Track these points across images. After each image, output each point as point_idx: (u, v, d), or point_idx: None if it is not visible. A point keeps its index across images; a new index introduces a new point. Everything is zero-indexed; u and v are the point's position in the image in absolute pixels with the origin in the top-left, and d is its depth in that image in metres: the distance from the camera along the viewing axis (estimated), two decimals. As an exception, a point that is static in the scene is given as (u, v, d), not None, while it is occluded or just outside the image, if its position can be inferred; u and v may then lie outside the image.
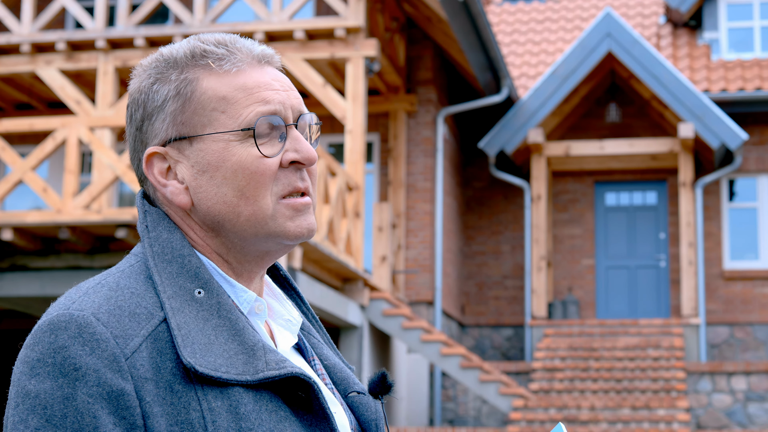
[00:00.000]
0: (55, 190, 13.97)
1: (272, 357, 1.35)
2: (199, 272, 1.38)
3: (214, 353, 1.32)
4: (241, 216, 1.39)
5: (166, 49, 1.44)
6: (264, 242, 1.42)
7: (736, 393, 13.62)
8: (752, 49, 17.24)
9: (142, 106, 1.43)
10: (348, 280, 12.49)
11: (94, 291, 1.34)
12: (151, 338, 1.31)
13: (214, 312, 1.36)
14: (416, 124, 15.11)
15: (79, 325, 1.29)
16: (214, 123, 1.39)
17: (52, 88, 12.98)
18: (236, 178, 1.38)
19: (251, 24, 12.79)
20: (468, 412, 14.56)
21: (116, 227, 10.63)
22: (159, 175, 1.42)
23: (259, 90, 1.41)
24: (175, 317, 1.33)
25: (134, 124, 1.44)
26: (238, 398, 1.31)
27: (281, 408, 1.34)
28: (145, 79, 1.43)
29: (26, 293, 11.20)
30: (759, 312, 16.18)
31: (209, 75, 1.41)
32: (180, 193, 1.41)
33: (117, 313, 1.31)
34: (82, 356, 1.27)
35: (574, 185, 17.01)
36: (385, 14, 14.01)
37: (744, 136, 15.18)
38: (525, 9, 19.34)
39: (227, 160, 1.39)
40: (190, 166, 1.40)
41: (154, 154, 1.42)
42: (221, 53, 1.42)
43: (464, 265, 16.99)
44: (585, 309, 16.68)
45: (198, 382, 1.30)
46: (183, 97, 1.40)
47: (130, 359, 1.29)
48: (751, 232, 16.46)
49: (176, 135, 1.41)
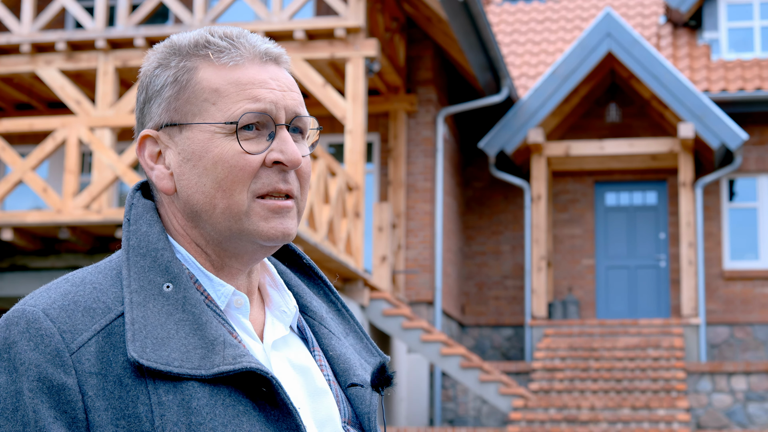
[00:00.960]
0: (55, 190, 13.97)
1: (230, 352, 1.34)
2: (170, 266, 1.39)
3: (170, 347, 1.32)
4: (217, 208, 1.40)
5: (177, 36, 1.47)
6: (238, 240, 1.42)
7: (736, 393, 13.62)
8: (752, 49, 17.24)
9: (145, 90, 1.46)
10: (348, 280, 12.49)
11: (56, 287, 1.36)
12: (105, 333, 1.32)
13: (179, 306, 1.36)
14: (416, 124, 15.11)
15: (27, 320, 1.31)
16: (203, 113, 1.41)
17: (52, 88, 12.98)
18: (216, 169, 1.40)
19: (251, 24, 12.79)
20: (468, 412, 14.56)
21: (116, 227, 10.63)
22: (148, 158, 1.45)
23: (252, 87, 1.42)
24: (132, 311, 1.34)
25: (138, 106, 1.47)
26: (191, 392, 1.31)
27: (240, 402, 1.33)
28: (151, 63, 1.46)
29: (26, 293, 11.17)
30: (759, 312, 16.18)
31: (207, 66, 1.43)
32: (164, 178, 1.43)
33: (70, 308, 1.33)
34: (26, 351, 1.30)
35: (574, 185, 17.01)
36: (385, 14, 14.01)
37: (744, 136, 15.17)
38: (525, 9, 19.34)
39: (210, 151, 1.40)
40: (177, 153, 1.42)
41: (146, 137, 1.45)
42: (223, 46, 1.43)
43: (464, 265, 16.99)
44: (585, 309, 16.68)
45: (149, 377, 1.31)
46: (179, 85, 1.42)
47: (76, 354, 1.30)
48: (751, 232, 16.45)
49: (168, 121, 1.43)
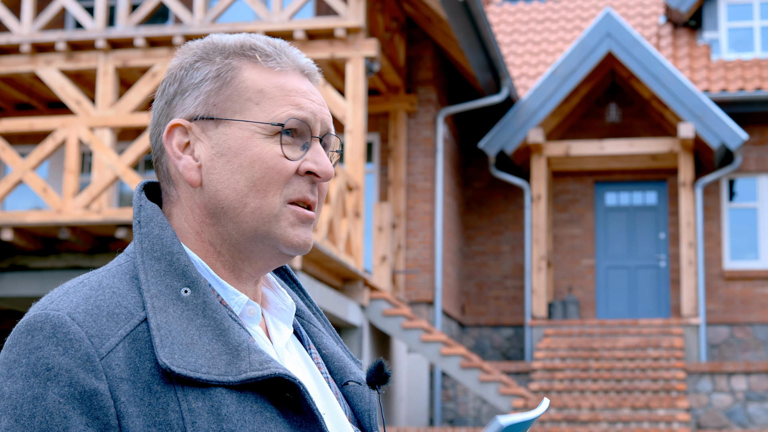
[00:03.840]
0: (55, 190, 13.97)
1: (256, 357, 1.33)
2: (186, 271, 1.37)
3: (195, 353, 1.31)
4: (247, 207, 1.40)
5: (218, 36, 1.48)
6: (260, 243, 1.42)
7: (736, 393, 13.61)
8: (752, 49, 17.24)
9: (179, 81, 1.45)
10: (348, 280, 12.49)
11: (74, 290, 1.34)
12: (130, 338, 1.30)
13: (199, 311, 1.35)
14: (416, 124, 15.11)
15: (53, 325, 1.28)
16: (245, 112, 1.41)
17: (52, 88, 12.97)
18: (252, 168, 1.40)
19: (251, 24, 12.78)
20: (468, 412, 14.56)
21: (116, 227, 10.63)
22: (176, 147, 1.43)
23: (296, 95, 1.43)
24: (155, 317, 1.32)
25: (165, 98, 1.46)
26: (220, 399, 1.29)
27: (267, 409, 1.32)
28: (189, 57, 1.46)
29: (26, 293, 11.19)
30: (759, 312, 16.18)
31: (253, 67, 1.44)
32: (192, 169, 1.42)
33: (94, 313, 1.30)
34: (55, 356, 1.26)
35: (574, 185, 17.01)
36: (385, 14, 14.01)
37: (744, 136, 15.17)
38: (525, 9, 19.34)
39: (248, 149, 1.40)
40: (210, 147, 1.42)
41: (177, 126, 1.43)
42: (269, 51, 1.45)
43: (464, 265, 16.98)
44: (585, 309, 16.68)
45: (178, 383, 1.29)
46: (222, 80, 1.43)
47: (105, 359, 1.28)
48: (751, 232, 16.45)
49: (204, 114, 1.42)
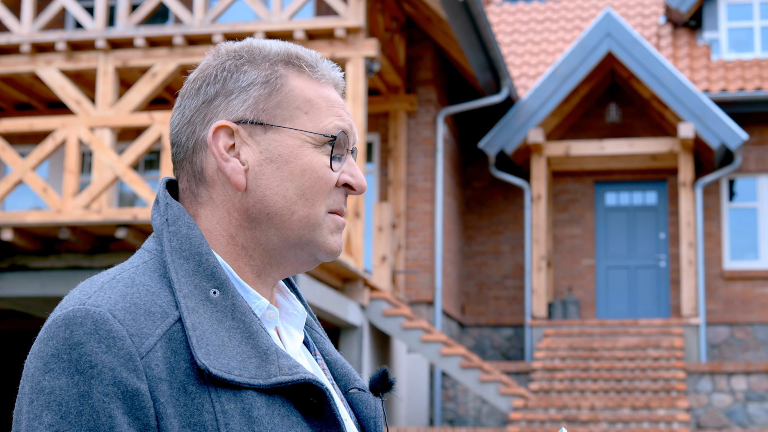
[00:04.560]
0: (55, 190, 13.97)
1: (285, 362, 1.34)
2: (215, 272, 1.37)
3: (227, 355, 1.31)
4: (295, 215, 1.41)
5: (257, 41, 1.48)
6: (299, 250, 1.43)
7: (736, 393, 13.61)
8: (752, 49, 17.24)
9: (221, 82, 1.44)
10: (348, 280, 12.49)
11: (110, 286, 1.32)
12: (166, 338, 1.30)
13: (228, 314, 1.35)
14: (416, 124, 15.11)
15: (95, 321, 1.27)
16: (294, 120, 1.43)
17: (52, 88, 12.97)
18: (303, 177, 1.42)
19: (251, 24, 12.78)
20: (468, 412, 14.56)
21: (116, 227, 10.63)
22: (223, 149, 1.42)
23: (338, 107, 1.48)
24: (190, 317, 1.32)
25: (202, 96, 1.45)
26: (251, 402, 1.30)
27: (293, 413, 1.33)
28: (232, 59, 1.46)
29: (26, 293, 11.19)
30: (759, 312, 16.18)
31: (299, 76, 1.46)
32: (239, 173, 1.41)
33: (133, 311, 1.29)
34: (98, 353, 1.25)
35: (574, 185, 17.01)
36: (385, 14, 14.01)
37: (744, 136, 15.17)
38: (525, 9, 19.34)
39: (299, 158, 1.42)
40: (258, 152, 1.42)
41: (224, 127, 1.43)
42: (312, 62, 1.48)
43: (464, 265, 16.98)
44: (585, 309, 16.68)
45: (212, 384, 1.29)
46: (271, 87, 1.44)
47: (146, 358, 1.27)
48: (751, 232, 16.45)
49: (253, 119, 1.43)
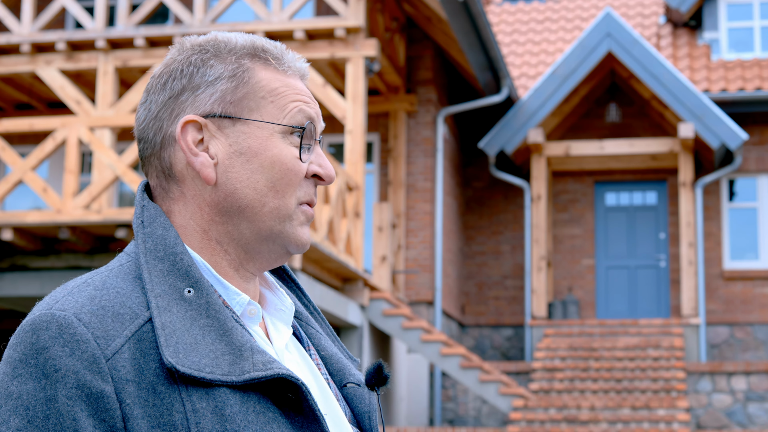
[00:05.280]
0: (55, 190, 13.97)
1: (260, 358, 1.33)
2: (190, 271, 1.37)
3: (199, 353, 1.31)
4: (266, 207, 1.42)
5: (222, 34, 1.49)
6: (271, 242, 1.43)
7: (736, 393, 13.61)
8: (752, 49, 17.24)
9: (188, 77, 1.44)
10: (348, 280, 12.49)
11: (79, 290, 1.33)
12: (135, 339, 1.30)
13: (202, 311, 1.35)
14: (416, 124, 15.11)
15: (60, 325, 1.28)
16: (261, 110, 1.43)
17: (52, 88, 12.97)
18: (273, 169, 1.42)
19: (251, 24, 12.78)
20: (468, 412, 14.56)
21: (116, 227, 10.63)
22: (192, 143, 1.43)
23: (303, 95, 1.47)
24: (160, 316, 1.32)
25: (168, 92, 1.45)
26: (223, 399, 1.29)
27: (270, 409, 1.32)
28: (197, 53, 1.46)
29: (26, 293, 11.19)
30: (759, 312, 16.18)
31: (265, 68, 1.46)
32: (209, 167, 1.42)
33: (100, 314, 1.30)
34: (61, 357, 1.26)
35: (574, 185, 17.01)
36: (385, 14, 14.01)
37: (744, 136, 15.17)
38: (525, 9, 19.34)
39: (268, 149, 1.42)
40: (227, 145, 1.42)
41: (192, 122, 1.43)
42: (278, 54, 1.48)
43: (464, 265, 16.98)
44: (585, 309, 16.68)
45: (182, 383, 1.29)
46: (238, 80, 1.44)
47: (111, 360, 1.28)
48: (751, 232, 16.45)
49: (222, 112, 1.43)
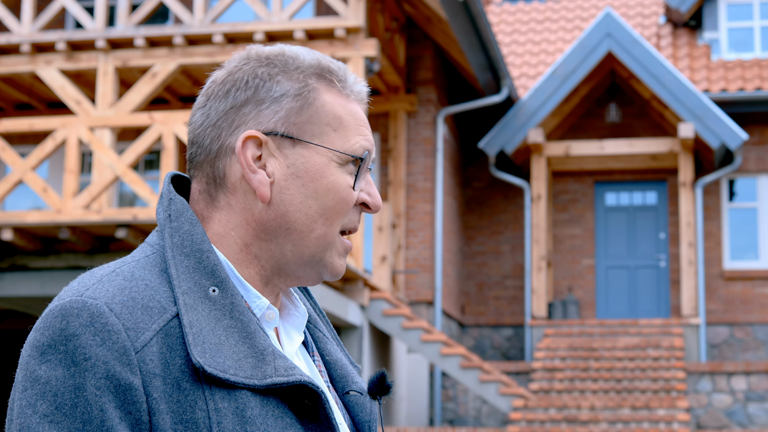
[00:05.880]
0: (55, 190, 13.97)
1: (281, 363, 1.34)
2: (216, 270, 1.37)
3: (223, 354, 1.31)
4: (313, 233, 1.40)
5: (290, 49, 1.46)
6: (309, 267, 1.43)
7: (736, 393, 13.62)
8: (752, 49, 17.24)
9: (253, 89, 1.42)
10: (348, 280, 12.49)
11: (109, 279, 1.32)
12: (162, 333, 1.30)
13: (226, 312, 1.35)
14: (416, 124, 15.11)
15: (91, 313, 1.27)
16: (323, 137, 1.41)
17: (52, 88, 12.97)
18: (327, 197, 1.40)
19: (251, 24, 12.78)
20: (468, 412, 14.56)
21: (116, 227, 10.63)
22: (251, 159, 1.40)
23: (363, 125, 1.45)
24: (188, 314, 1.31)
25: (231, 101, 1.42)
26: (245, 401, 1.30)
27: (287, 415, 1.33)
28: (264, 66, 1.43)
29: (26, 293, 11.19)
30: (759, 312, 16.18)
31: (330, 91, 1.43)
32: (266, 185, 1.40)
33: (130, 305, 1.29)
34: (92, 346, 1.25)
35: (574, 185, 17.01)
36: (385, 14, 14.01)
37: (744, 136, 15.17)
38: (525, 9, 19.34)
39: (325, 176, 1.40)
40: (285, 166, 1.40)
41: (253, 138, 1.40)
42: (342, 76, 1.45)
43: (464, 265, 16.98)
44: (585, 309, 16.68)
45: (206, 382, 1.29)
46: (303, 100, 1.41)
47: (140, 353, 1.27)
48: (751, 232, 16.45)
49: (284, 131, 1.41)
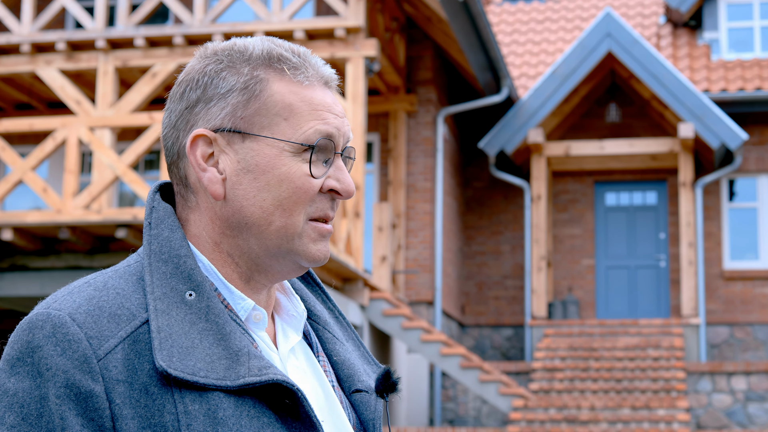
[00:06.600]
0: (55, 190, 13.97)
1: (256, 363, 1.33)
2: (192, 274, 1.37)
3: (195, 357, 1.31)
4: (272, 225, 1.39)
5: (241, 41, 1.44)
6: (281, 258, 1.42)
7: (736, 393, 13.61)
8: (752, 49, 17.24)
9: (202, 88, 1.41)
10: (348, 280, 12.49)
11: (79, 290, 1.34)
12: (130, 340, 1.31)
13: (202, 315, 1.35)
14: (416, 124, 15.11)
15: (54, 324, 1.29)
16: (273, 127, 1.40)
17: (52, 88, 12.97)
18: (280, 187, 1.39)
19: (251, 24, 12.78)
20: (468, 412, 14.56)
21: (116, 227, 10.62)
22: (201, 158, 1.41)
23: (322, 109, 1.41)
24: (157, 319, 1.32)
25: (185, 102, 1.43)
26: (217, 403, 1.30)
27: (265, 414, 1.32)
28: (213, 63, 1.42)
29: (26, 293, 11.19)
30: (759, 312, 16.18)
31: (280, 80, 1.41)
32: (216, 183, 1.40)
33: (96, 314, 1.31)
34: (53, 356, 1.28)
35: (574, 185, 17.01)
36: (385, 14, 14.01)
37: (744, 136, 15.17)
38: (525, 9, 19.34)
39: (276, 167, 1.39)
40: (236, 161, 1.40)
41: (202, 136, 1.40)
42: (296, 62, 1.42)
43: (464, 265, 16.98)
44: (585, 309, 16.68)
45: (176, 386, 1.29)
46: (250, 93, 1.40)
47: (103, 360, 1.29)
48: (751, 232, 16.45)
49: (231, 127, 1.40)
